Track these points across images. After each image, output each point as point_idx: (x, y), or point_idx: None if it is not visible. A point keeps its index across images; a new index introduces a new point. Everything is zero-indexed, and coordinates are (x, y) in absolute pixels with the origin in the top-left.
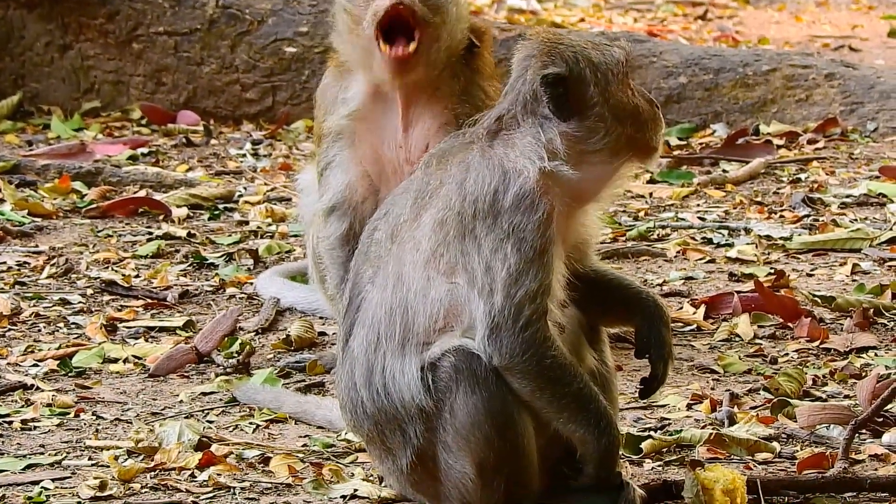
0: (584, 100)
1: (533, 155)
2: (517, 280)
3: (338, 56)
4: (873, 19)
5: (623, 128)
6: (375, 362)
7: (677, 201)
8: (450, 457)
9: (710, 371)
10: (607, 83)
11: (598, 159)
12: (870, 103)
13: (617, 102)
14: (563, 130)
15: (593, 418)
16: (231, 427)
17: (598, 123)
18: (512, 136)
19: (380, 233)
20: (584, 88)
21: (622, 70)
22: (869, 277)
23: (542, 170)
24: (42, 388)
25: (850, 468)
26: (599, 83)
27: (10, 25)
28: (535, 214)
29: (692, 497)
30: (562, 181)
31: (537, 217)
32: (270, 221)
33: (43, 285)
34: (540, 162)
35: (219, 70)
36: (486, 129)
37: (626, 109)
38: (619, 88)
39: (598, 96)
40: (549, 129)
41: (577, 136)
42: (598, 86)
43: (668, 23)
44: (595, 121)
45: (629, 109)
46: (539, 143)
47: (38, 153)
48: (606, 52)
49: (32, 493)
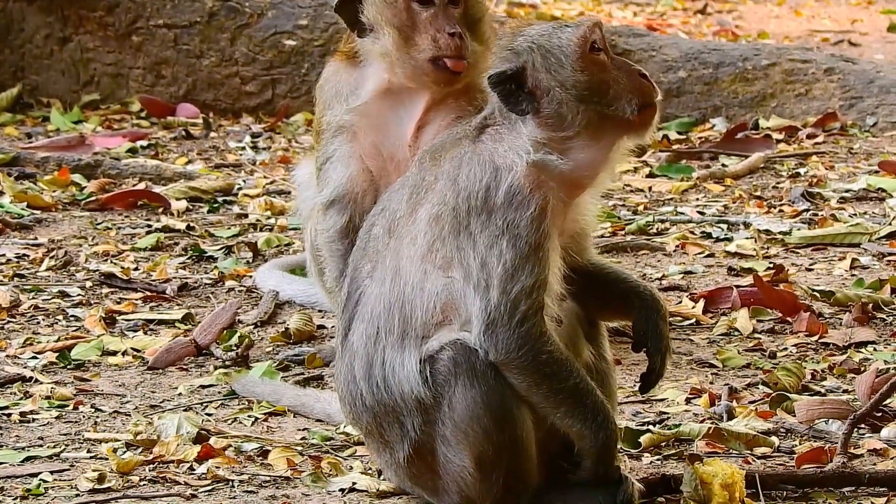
0: (541, 87)
1: (520, 149)
2: (513, 276)
3: (346, 49)
4: (873, 14)
5: (589, 105)
6: (375, 355)
7: (676, 195)
8: (448, 450)
9: (708, 365)
10: (561, 65)
11: (582, 143)
12: (869, 98)
13: (576, 82)
14: (537, 121)
15: (590, 413)
16: (230, 420)
17: (562, 107)
18: (499, 131)
19: (377, 228)
20: (538, 76)
21: (581, 47)
22: (868, 272)
23: (530, 163)
24: (41, 380)
25: (848, 463)
26: (552, 67)
27: (10, 18)
28: (528, 210)
29: (691, 491)
30: (553, 172)
31: (530, 212)
32: (269, 214)
33: (42, 278)
34: (527, 155)
35: (218, 63)
36: (475, 126)
37: (591, 86)
38: (577, 67)
39: (553, 80)
40: (527, 121)
41: (550, 124)
42: (551, 70)
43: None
44: (558, 106)
45: (594, 85)
46: (521, 136)
47: (37, 145)
48: (561, 33)
49: (31, 486)
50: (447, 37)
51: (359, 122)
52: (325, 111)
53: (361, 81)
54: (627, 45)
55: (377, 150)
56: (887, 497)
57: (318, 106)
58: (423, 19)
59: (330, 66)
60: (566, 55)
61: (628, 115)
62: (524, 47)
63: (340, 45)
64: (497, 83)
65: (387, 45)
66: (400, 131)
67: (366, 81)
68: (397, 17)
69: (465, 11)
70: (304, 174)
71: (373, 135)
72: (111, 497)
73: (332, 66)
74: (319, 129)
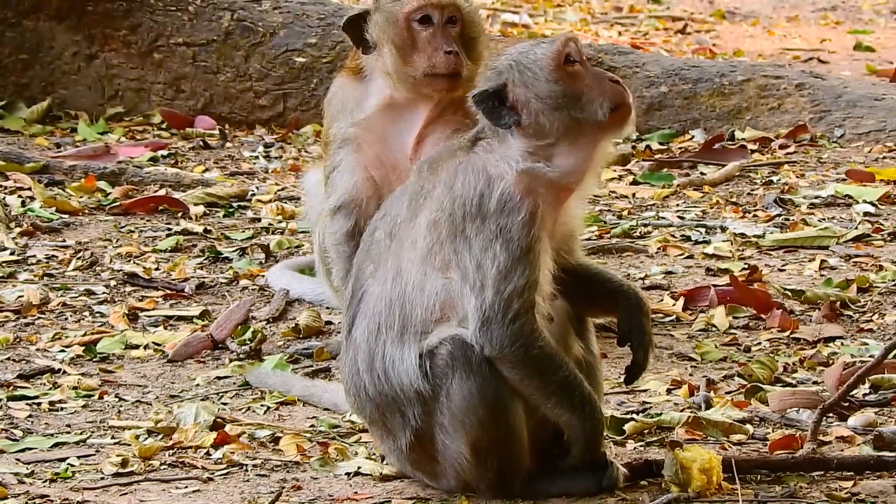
0: (520, 101)
1: (510, 159)
2: (506, 277)
3: (353, 65)
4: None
5: (563, 112)
6: (376, 350)
7: (658, 201)
8: (446, 438)
9: (688, 359)
10: (537, 78)
11: (564, 148)
12: (837, 111)
13: (550, 92)
14: (521, 132)
15: (578, 404)
16: (244, 409)
17: (539, 117)
18: (491, 143)
19: (380, 232)
20: (517, 91)
21: (555, 60)
22: (836, 272)
23: (520, 171)
24: (68, 372)
25: (818, 449)
26: (529, 81)
27: (41, 36)
28: (519, 215)
29: (671, 475)
30: (541, 178)
31: (521, 217)
32: (281, 219)
33: (69, 277)
34: (516, 164)
35: (234, 78)
36: (469, 139)
37: (564, 95)
38: (551, 78)
39: (530, 93)
40: (514, 133)
41: (532, 134)
42: (527, 84)
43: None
44: (536, 116)
45: (567, 94)
46: (511, 147)
47: (65, 155)
48: (537, 49)
49: (59, 470)
50: (443, 55)
51: (363, 134)
52: (332, 123)
53: (365, 96)
54: (613, 63)
55: (380, 161)
56: (854, 481)
57: (325, 119)
58: (423, 38)
59: (337, 81)
60: (541, 68)
61: (600, 116)
62: (505, 65)
63: (347, 62)
64: (480, 101)
65: (388, 62)
66: (401, 143)
67: (370, 96)
68: (398, 36)
69: (461, 31)
70: (312, 181)
71: (376, 146)
72: (133, 480)
73: (338, 82)
74: (327, 140)
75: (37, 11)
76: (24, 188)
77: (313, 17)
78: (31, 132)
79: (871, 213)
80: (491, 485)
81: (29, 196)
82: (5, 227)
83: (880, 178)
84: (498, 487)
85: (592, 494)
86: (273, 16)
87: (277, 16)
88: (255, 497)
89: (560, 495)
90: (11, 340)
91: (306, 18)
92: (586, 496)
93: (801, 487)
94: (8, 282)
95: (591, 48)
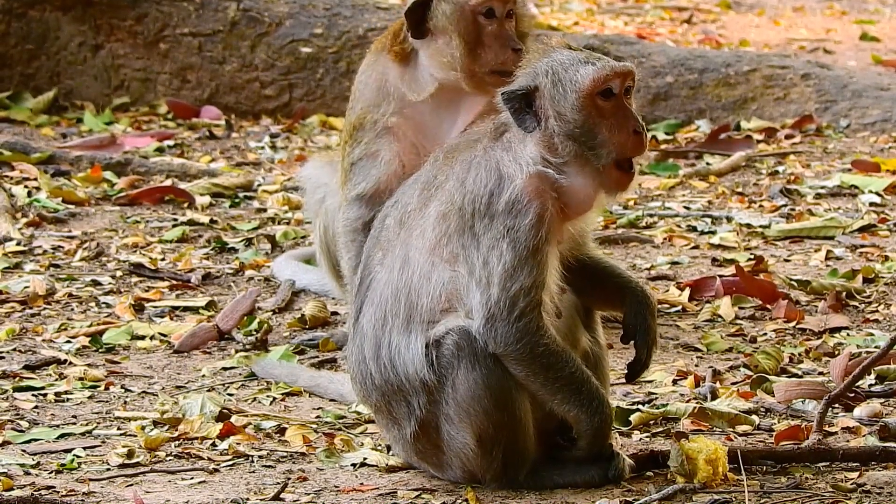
0: (543, 112)
1: (522, 160)
2: (512, 275)
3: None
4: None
5: (574, 142)
6: (383, 338)
7: (664, 192)
8: (451, 428)
9: (694, 349)
10: (564, 98)
11: (573, 172)
12: (843, 101)
13: (570, 118)
14: (538, 138)
15: (586, 399)
16: (250, 400)
17: (553, 137)
18: (511, 140)
19: (390, 219)
20: (544, 101)
21: (590, 89)
22: (841, 263)
23: (532, 174)
24: (74, 362)
25: (823, 440)
26: (556, 97)
27: (47, 27)
28: (527, 218)
29: (677, 466)
30: (552, 184)
31: (529, 220)
32: (287, 209)
33: (76, 267)
34: (528, 167)
35: (239, 68)
36: (490, 132)
37: (581, 126)
38: (577, 105)
39: (552, 110)
40: (534, 137)
41: (547, 147)
42: (554, 99)
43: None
44: (551, 134)
45: (584, 127)
46: (528, 147)
47: (71, 145)
48: (580, 68)
49: (65, 461)
50: (511, 52)
51: (405, 123)
52: (371, 109)
53: (413, 83)
54: (619, 53)
55: (416, 150)
56: (859, 472)
57: (357, 101)
58: (488, 32)
59: (375, 64)
60: (573, 90)
61: (601, 164)
62: (543, 70)
63: (387, 43)
64: (508, 99)
65: (453, 53)
66: (442, 134)
67: (417, 83)
68: (465, 29)
69: (516, 25)
70: (309, 173)
71: (416, 135)
72: (139, 471)
73: (378, 65)
74: (357, 124)
75: (43, 2)
76: (30, 178)
77: (319, 7)
78: (37, 122)
79: (877, 204)
80: (496, 475)
81: (35, 186)
82: (11, 217)
83: (886, 169)
84: (503, 478)
85: (598, 485)
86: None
87: (283, 6)
88: (260, 488)
89: (566, 486)
90: (17, 331)
91: (312, 9)
92: (592, 487)
93: (806, 478)
94: (14, 272)
95: (596, 38)
